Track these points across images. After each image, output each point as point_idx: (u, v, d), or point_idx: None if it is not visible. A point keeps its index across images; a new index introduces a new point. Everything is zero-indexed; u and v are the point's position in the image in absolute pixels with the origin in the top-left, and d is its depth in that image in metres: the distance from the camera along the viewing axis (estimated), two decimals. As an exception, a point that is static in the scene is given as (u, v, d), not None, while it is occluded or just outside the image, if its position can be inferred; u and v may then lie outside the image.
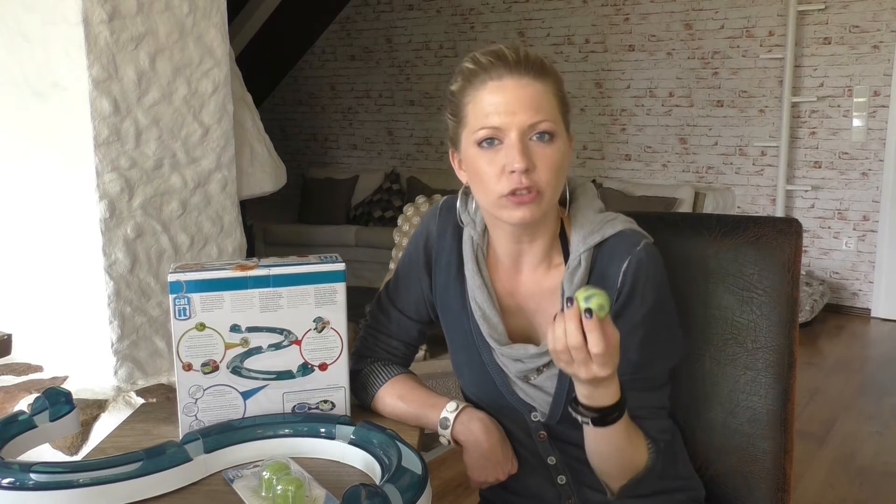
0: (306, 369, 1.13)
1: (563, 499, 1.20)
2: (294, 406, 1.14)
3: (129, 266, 1.90)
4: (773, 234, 1.22)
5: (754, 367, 1.23)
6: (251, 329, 1.09)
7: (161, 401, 1.69)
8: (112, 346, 1.90)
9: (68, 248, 1.91)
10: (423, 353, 3.81)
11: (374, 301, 1.29)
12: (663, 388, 1.15)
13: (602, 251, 1.10)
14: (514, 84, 1.04)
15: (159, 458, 0.96)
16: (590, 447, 1.08)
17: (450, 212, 1.21)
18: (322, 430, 1.07)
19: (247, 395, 1.11)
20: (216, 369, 1.09)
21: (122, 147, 1.86)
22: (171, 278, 1.06)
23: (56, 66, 1.83)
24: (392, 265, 4.02)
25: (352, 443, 1.04)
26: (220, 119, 2.05)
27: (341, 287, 1.12)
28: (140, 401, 1.81)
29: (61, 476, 0.90)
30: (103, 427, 1.77)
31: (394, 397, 1.20)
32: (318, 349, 1.13)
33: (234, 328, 1.09)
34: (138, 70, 1.87)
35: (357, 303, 1.26)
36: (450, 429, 1.15)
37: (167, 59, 1.92)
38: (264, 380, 1.12)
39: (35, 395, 1.74)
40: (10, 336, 2.11)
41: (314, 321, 1.12)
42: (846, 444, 3.17)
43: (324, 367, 1.13)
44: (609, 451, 1.07)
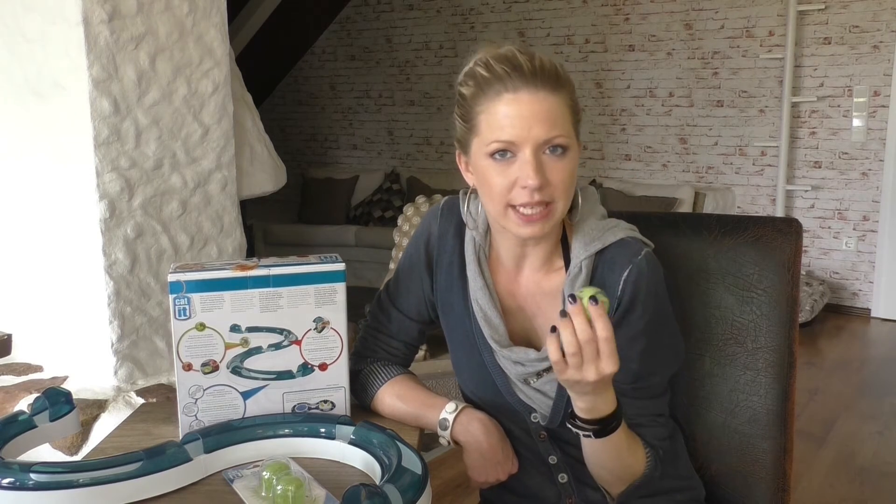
0: (306, 369, 1.13)
1: (563, 498, 1.20)
2: (294, 406, 1.14)
3: (129, 266, 1.90)
4: (773, 234, 1.22)
5: (754, 367, 1.23)
6: (251, 329, 1.09)
7: (161, 401, 1.69)
8: (112, 346, 1.90)
9: (68, 248, 1.91)
10: (423, 353, 3.81)
11: (374, 301, 1.29)
12: (663, 396, 1.15)
13: (603, 258, 1.10)
14: (529, 98, 1.01)
15: (159, 458, 0.96)
16: (589, 457, 1.09)
17: (451, 212, 1.21)
18: (322, 430, 1.07)
19: (247, 395, 1.11)
20: (216, 369, 1.09)
21: (122, 147, 1.86)
22: (171, 278, 1.06)
23: (56, 66, 1.83)
24: (392, 265, 4.01)
25: (352, 443, 1.04)
26: (220, 119, 2.05)
27: (341, 287, 1.12)
28: (140, 401, 1.81)
29: (61, 476, 0.90)
30: (103, 427, 1.77)
31: (393, 397, 1.20)
32: (318, 349, 1.13)
33: (234, 328, 1.09)
34: (138, 70, 1.87)
35: (357, 303, 1.26)
36: (449, 429, 1.15)
37: (167, 59, 1.92)
38: (264, 380, 1.12)
39: (35, 395, 1.74)
40: (10, 336, 2.11)
41: (314, 321, 1.12)
42: (846, 444, 3.17)
43: (324, 367, 1.13)
44: (608, 460, 1.07)
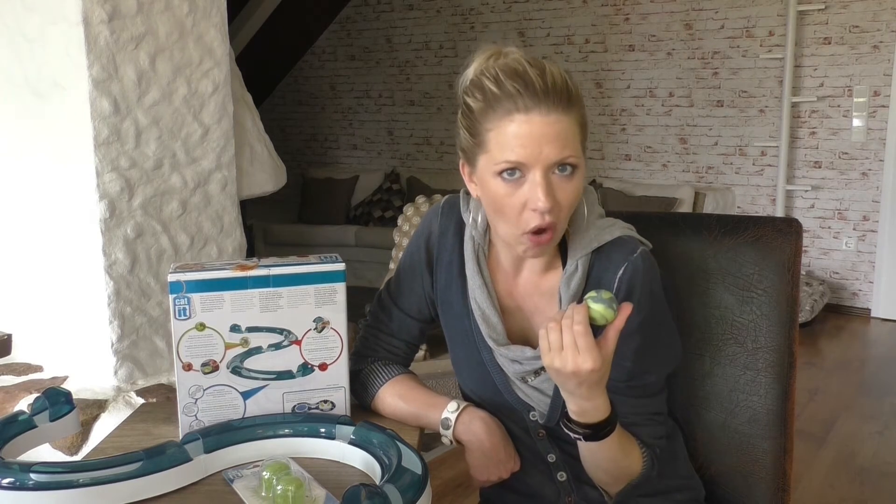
0: (306, 369, 1.13)
1: (562, 495, 1.20)
2: (294, 406, 1.14)
3: (129, 266, 1.90)
4: (773, 234, 1.22)
5: (754, 367, 1.23)
6: (251, 329, 1.09)
7: (161, 401, 1.69)
8: (112, 346, 1.90)
9: (68, 248, 1.91)
10: (423, 352, 3.81)
11: (374, 300, 1.29)
12: (659, 395, 1.15)
13: (599, 257, 1.10)
14: (541, 120, 0.99)
15: (159, 458, 0.96)
16: (584, 458, 1.10)
17: (452, 210, 1.21)
18: (322, 430, 1.07)
19: (247, 395, 1.11)
20: (216, 369, 1.09)
21: (122, 147, 1.86)
22: (171, 278, 1.06)
23: (56, 66, 1.83)
24: (392, 265, 4.01)
25: (352, 443, 1.04)
26: (220, 119, 2.05)
27: (341, 287, 1.12)
28: (140, 401, 1.81)
29: (61, 476, 0.90)
30: (103, 427, 1.77)
31: (394, 397, 1.20)
32: (318, 349, 1.13)
33: (234, 328, 1.09)
34: (138, 70, 1.87)
35: (357, 303, 1.26)
36: (451, 429, 1.15)
37: (167, 59, 1.92)
38: (264, 380, 1.12)
39: (35, 395, 1.74)
40: (10, 336, 2.11)
41: (314, 321, 1.12)
42: (846, 444, 3.17)
43: (324, 367, 1.13)
44: (603, 462, 1.08)
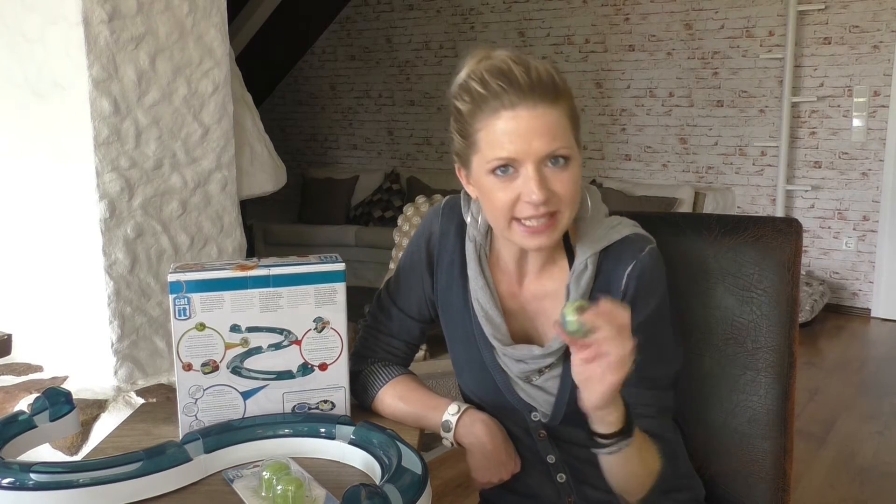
0: (306, 369, 1.13)
1: (562, 497, 1.20)
2: (294, 406, 1.14)
3: (129, 266, 1.90)
4: (773, 234, 1.22)
5: (754, 367, 1.23)
6: (251, 329, 1.09)
7: (161, 401, 1.69)
8: (112, 346, 1.90)
9: (68, 248, 1.91)
10: (423, 353, 3.81)
11: (373, 301, 1.29)
12: (669, 390, 1.14)
13: (608, 255, 1.10)
14: (528, 114, 1.00)
15: (159, 458, 0.96)
16: (615, 471, 1.06)
17: (453, 211, 1.21)
18: (322, 430, 1.07)
19: (247, 395, 1.11)
20: (216, 369, 1.09)
21: (122, 147, 1.86)
22: (171, 278, 1.06)
23: (56, 66, 1.83)
24: (392, 265, 4.01)
25: (352, 443, 1.04)
26: (220, 119, 2.05)
27: (341, 287, 1.12)
28: (140, 401, 1.81)
29: (61, 476, 0.90)
30: (103, 427, 1.77)
31: (395, 398, 1.20)
32: (318, 349, 1.13)
33: (234, 328, 1.09)
34: (138, 70, 1.87)
35: (357, 303, 1.26)
36: (452, 431, 1.15)
37: (167, 59, 1.92)
38: (264, 380, 1.12)
39: (35, 395, 1.74)
40: (10, 336, 2.11)
41: (314, 321, 1.12)
42: (846, 444, 3.17)
43: (324, 367, 1.13)
44: (634, 467, 1.05)
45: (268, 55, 6.69)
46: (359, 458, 1.02)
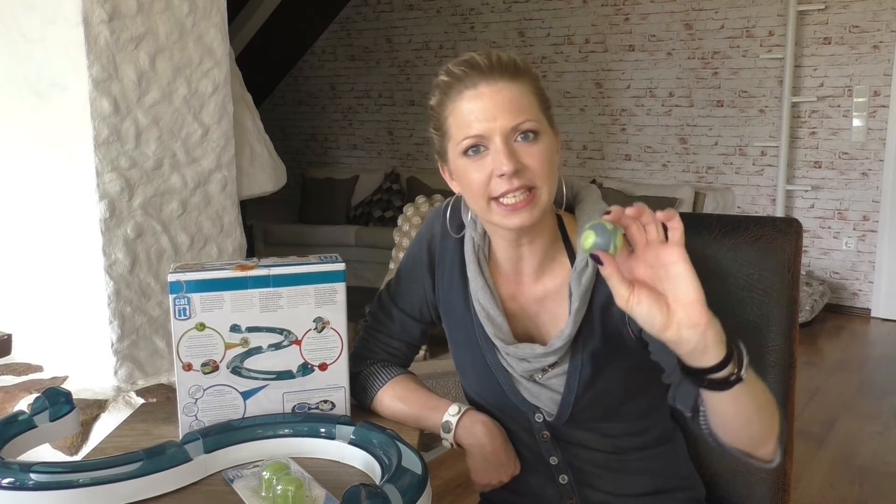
0: (306, 369, 1.13)
1: (564, 498, 1.20)
2: (294, 406, 1.14)
3: (129, 266, 1.90)
4: (773, 234, 1.22)
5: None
6: (251, 329, 1.09)
7: (161, 401, 1.69)
8: (112, 346, 1.90)
9: (68, 248, 1.91)
10: (423, 353, 3.80)
11: (374, 301, 1.29)
12: None
13: None
14: (489, 90, 1.03)
15: (159, 458, 0.96)
16: (746, 409, 0.93)
17: (454, 213, 1.21)
18: (322, 430, 1.07)
19: (247, 395, 1.11)
20: (216, 369, 1.09)
21: (122, 147, 1.86)
22: (171, 278, 1.06)
23: (56, 66, 1.83)
24: (392, 265, 4.01)
25: (352, 443, 1.04)
26: (220, 119, 2.05)
27: (341, 287, 1.12)
28: (140, 401, 1.81)
29: (61, 476, 0.90)
30: (103, 427, 1.77)
31: (394, 399, 1.20)
32: (318, 349, 1.13)
33: (234, 328, 1.09)
34: (138, 70, 1.87)
35: (357, 303, 1.26)
36: (452, 432, 1.15)
37: (167, 59, 1.92)
38: (264, 380, 1.12)
39: (35, 395, 1.74)
40: (10, 336, 2.11)
41: (314, 321, 1.12)
42: (846, 444, 3.17)
43: (324, 367, 1.13)
44: (759, 394, 0.94)
45: (268, 55, 6.69)
46: (359, 458, 1.02)
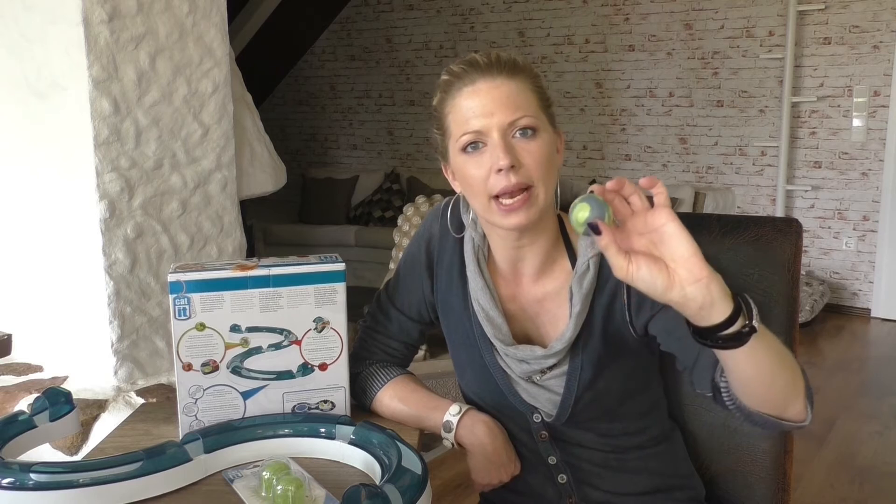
0: (306, 369, 1.13)
1: (563, 497, 1.20)
2: (294, 406, 1.14)
3: (129, 266, 1.90)
4: (773, 234, 1.21)
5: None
6: (251, 329, 1.09)
7: (161, 401, 1.69)
8: (112, 346, 1.89)
9: (68, 248, 1.91)
10: (422, 353, 3.80)
11: (373, 302, 1.29)
12: None
13: None
14: (487, 86, 1.04)
15: (159, 458, 0.96)
16: (765, 364, 0.91)
17: (453, 213, 1.21)
18: (322, 430, 1.07)
19: (247, 395, 1.11)
20: (216, 369, 1.09)
21: (122, 147, 1.86)
22: (171, 278, 1.06)
23: (56, 66, 1.83)
24: (392, 265, 4.01)
25: (352, 443, 1.04)
26: (220, 119, 2.05)
27: (341, 287, 1.12)
28: (140, 401, 1.81)
29: (61, 476, 0.90)
30: (103, 427, 1.77)
31: (394, 399, 1.20)
32: (318, 349, 1.13)
33: (234, 328, 1.09)
34: (138, 70, 1.87)
35: (357, 303, 1.26)
36: (453, 432, 1.15)
37: (167, 59, 1.92)
38: (264, 380, 1.12)
39: (35, 395, 1.74)
40: (10, 336, 2.11)
41: (314, 321, 1.12)
42: (846, 444, 3.17)
43: (324, 367, 1.13)
44: (779, 348, 0.93)
45: (268, 55, 6.69)
46: (359, 458, 1.02)
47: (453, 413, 1.15)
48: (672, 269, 0.84)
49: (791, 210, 5.24)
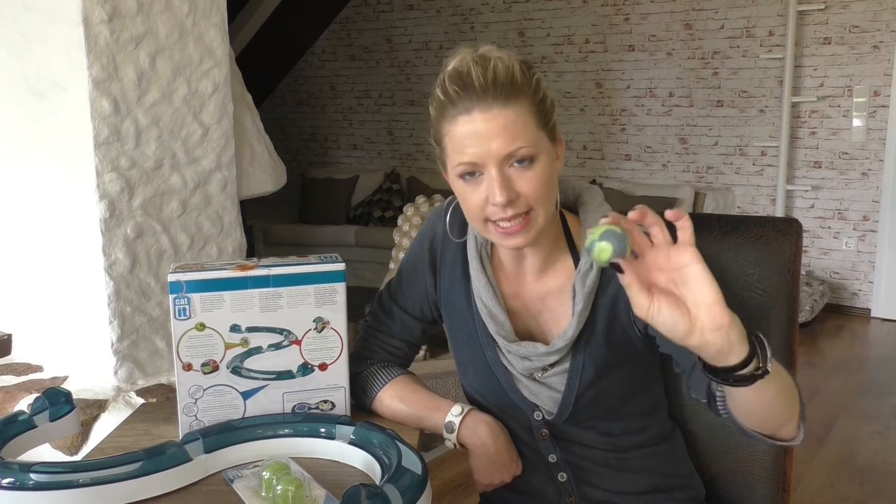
0: (306, 369, 1.13)
1: (563, 496, 1.20)
2: (294, 406, 1.14)
3: (129, 266, 1.90)
4: (773, 234, 1.21)
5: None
6: (251, 329, 1.09)
7: (161, 401, 1.69)
8: (112, 346, 1.89)
9: (68, 248, 1.91)
10: (423, 353, 3.80)
11: (375, 301, 1.29)
12: None
13: None
14: (483, 117, 1.00)
15: (159, 458, 0.96)
16: (758, 402, 0.91)
17: (456, 212, 1.21)
18: (322, 430, 1.07)
19: (247, 395, 1.11)
20: (216, 369, 1.09)
21: (122, 147, 1.86)
22: (171, 278, 1.06)
23: (56, 66, 1.83)
24: (392, 265, 4.01)
25: (352, 443, 1.04)
26: (220, 119, 2.05)
27: (341, 287, 1.12)
28: (140, 401, 1.81)
29: (61, 476, 0.90)
30: (103, 427, 1.77)
31: (395, 400, 1.20)
32: (318, 349, 1.13)
33: (234, 328, 1.09)
34: (138, 70, 1.87)
35: (357, 303, 1.26)
36: (455, 432, 1.15)
37: (167, 59, 1.92)
38: (264, 380, 1.12)
39: (35, 395, 1.74)
40: (10, 336, 2.11)
41: (314, 321, 1.12)
42: (846, 444, 3.17)
43: (324, 367, 1.14)
44: (783, 383, 0.93)
45: (268, 55, 6.69)
46: (359, 458, 1.02)
47: (455, 413, 1.16)
48: (693, 313, 0.82)
49: (791, 210, 5.24)
